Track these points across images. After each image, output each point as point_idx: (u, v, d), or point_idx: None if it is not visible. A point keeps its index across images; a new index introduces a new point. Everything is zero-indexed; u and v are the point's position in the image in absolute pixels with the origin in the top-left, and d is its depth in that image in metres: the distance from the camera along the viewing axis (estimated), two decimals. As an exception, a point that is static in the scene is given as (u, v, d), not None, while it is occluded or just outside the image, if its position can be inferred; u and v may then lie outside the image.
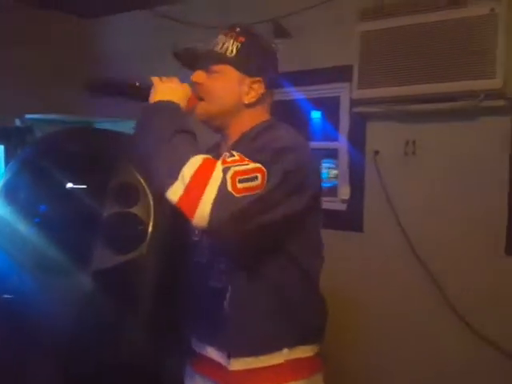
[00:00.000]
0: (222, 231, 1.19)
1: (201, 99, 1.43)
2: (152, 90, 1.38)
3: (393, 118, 2.67)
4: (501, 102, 2.33)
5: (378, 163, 2.74)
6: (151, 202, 2.73)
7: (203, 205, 1.14)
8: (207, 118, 1.44)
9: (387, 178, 2.72)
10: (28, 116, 3.27)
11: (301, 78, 2.81)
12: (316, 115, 3.06)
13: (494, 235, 2.46)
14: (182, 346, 1.67)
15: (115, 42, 3.70)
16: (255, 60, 1.42)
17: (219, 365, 1.42)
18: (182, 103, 1.36)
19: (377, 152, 2.74)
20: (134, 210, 2.73)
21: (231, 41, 1.40)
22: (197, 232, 1.49)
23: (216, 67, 1.41)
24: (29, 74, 3.35)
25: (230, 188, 1.15)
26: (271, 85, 1.45)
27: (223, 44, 1.40)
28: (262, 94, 1.43)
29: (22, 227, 2.79)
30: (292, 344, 1.40)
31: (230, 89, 1.41)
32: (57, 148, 3.05)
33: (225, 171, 1.17)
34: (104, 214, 2.74)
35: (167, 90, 1.36)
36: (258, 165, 1.20)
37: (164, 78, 1.41)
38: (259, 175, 1.19)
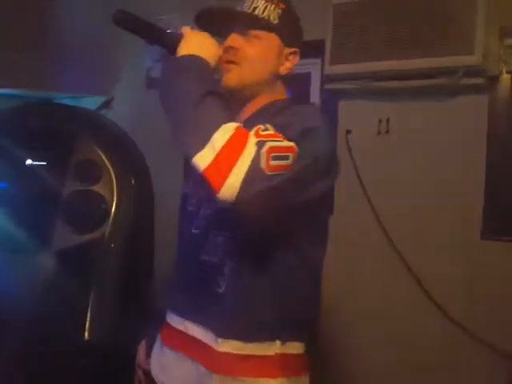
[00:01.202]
0: (247, 207, 1.10)
1: (234, 64, 1.32)
2: (181, 42, 1.24)
3: (366, 96, 2.58)
4: (479, 80, 2.26)
5: (349, 143, 2.66)
6: (114, 180, 2.64)
7: (234, 177, 1.05)
8: (239, 84, 1.34)
9: (359, 158, 2.64)
10: (-15, 90, 3.12)
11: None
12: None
13: (470, 219, 2.40)
14: (154, 320, 1.59)
15: (74, 16, 3.53)
16: (294, 30, 1.38)
17: (203, 344, 1.33)
18: (212, 62, 1.24)
19: (349, 131, 2.66)
20: (96, 187, 2.64)
21: (272, 6, 1.32)
22: (194, 201, 1.42)
23: (257, 33, 1.32)
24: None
25: (262, 164, 1.07)
26: (301, 57, 1.41)
27: (265, 8, 1.31)
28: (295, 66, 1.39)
29: (-18, 205, 2.68)
30: (285, 337, 1.32)
31: (270, 57, 1.34)
32: (16, 124, 2.93)
33: (259, 145, 1.09)
34: (64, 191, 2.64)
35: (198, 44, 1.23)
36: (292, 143, 1.12)
37: (196, 31, 1.28)
38: (291, 155, 1.12)
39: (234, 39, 1.33)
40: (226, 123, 1.10)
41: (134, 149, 2.85)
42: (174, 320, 1.44)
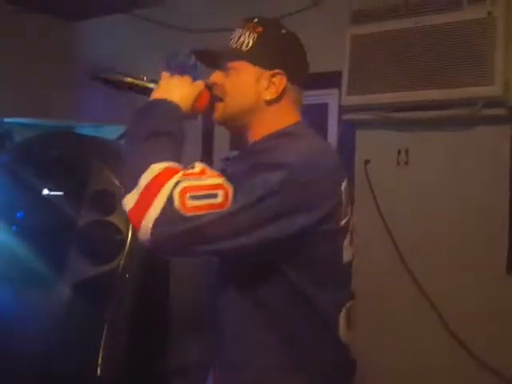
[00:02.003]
0: (163, 251, 1.10)
1: (220, 100, 1.31)
2: (156, 86, 1.27)
3: (384, 126, 2.55)
4: (501, 111, 2.21)
5: (368, 173, 2.62)
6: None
7: (147, 219, 1.03)
8: (224, 119, 1.32)
9: (378, 189, 2.60)
10: (6, 120, 3.17)
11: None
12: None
13: (494, 253, 2.32)
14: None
15: (97, 45, 3.60)
16: (274, 50, 1.28)
17: None
18: (185, 103, 1.23)
19: (367, 161, 2.62)
20: (112, 218, 2.63)
21: (247, 33, 1.28)
22: None
23: (231, 64, 1.29)
24: (8, 77, 3.24)
25: (176, 204, 1.03)
26: (296, 78, 1.30)
27: (239, 38, 1.28)
28: (285, 89, 1.27)
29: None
30: None
31: (245, 85, 1.28)
32: (34, 154, 2.96)
33: (175, 184, 1.05)
34: (80, 222, 2.64)
35: (170, 87, 1.25)
36: (219, 180, 1.07)
37: (176, 75, 1.29)
38: (220, 192, 1.05)
39: (215, 75, 1.32)
40: (157, 163, 1.08)
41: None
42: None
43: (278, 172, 1.08)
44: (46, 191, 2.74)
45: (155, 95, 1.24)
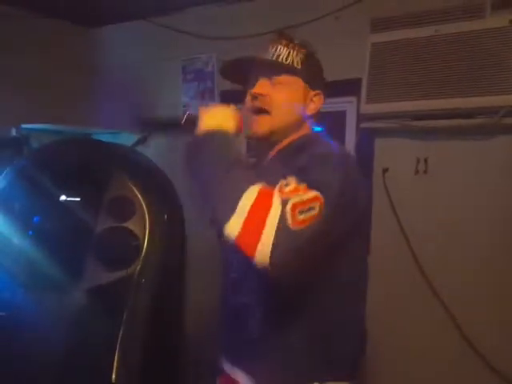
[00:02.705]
0: (284, 268, 1.11)
1: (261, 112, 1.36)
2: (198, 120, 1.31)
3: (403, 135, 2.53)
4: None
5: (386, 182, 2.60)
6: (147, 216, 2.62)
7: (263, 242, 1.07)
8: (270, 132, 1.38)
9: (396, 198, 2.58)
10: (24, 126, 3.18)
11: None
12: (320, 130, 2.92)
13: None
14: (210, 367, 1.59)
15: (113, 52, 3.61)
16: (317, 73, 1.42)
17: None
18: (231, 127, 1.29)
19: (386, 170, 2.60)
20: (129, 224, 2.63)
21: (294, 52, 1.37)
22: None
23: (283, 78, 1.36)
24: (26, 83, 3.26)
25: (289, 222, 1.08)
26: (325, 98, 1.45)
27: (288, 54, 1.36)
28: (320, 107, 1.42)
29: (16, 239, 2.70)
30: (324, 378, 1.29)
31: (297, 100, 1.38)
32: (52, 159, 2.98)
33: (283, 204, 1.10)
34: (97, 228, 2.64)
35: (213, 117, 1.29)
36: (316, 193, 1.13)
37: (210, 107, 1.35)
38: (317, 204, 1.12)
39: (262, 86, 1.37)
40: (250, 187, 1.13)
41: (169, 186, 2.84)
42: (227, 366, 1.45)
43: (334, 159, 1.21)
44: (63, 197, 2.75)
45: (205, 127, 1.26)
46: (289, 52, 1.36)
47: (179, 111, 3.32)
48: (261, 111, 1.36)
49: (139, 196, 2.62)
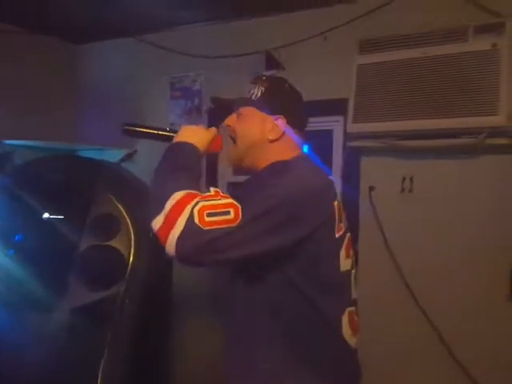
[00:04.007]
0: (187, 260, 1.28)
1: (233, 141, 1.57)
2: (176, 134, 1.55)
3: (389, 154, 2.56)
4: (504, 140, 2.22)
5: (373, 199, 2.62)
6: (132, 234, 2.60)
7: (173, 234, 1.24)
8: (237, 159, 1.57)
9: (383, 216, 2.60)
10: (7, 142, 3.14)
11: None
12: (308, 149, 2.93)
13: (497, 280, 2.32)
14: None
15: (101, 69, 3.60)
16: (277, 100, 1.55)
17: None
18: (201, 145, 1.50)
19: (372, 188, 2.62)
20: (113, 242, 2.60)
21: (257, 87, 1.56)
22: None
23: (242, 110, 1.56)
24: (10, 98, 3.23)
25: (196, 221, 1.24)
26: (295, 122, 1.56)
27: (250, 90, 1.57)
28: (284, 131, 1.53)
29: (-2, 258, 2.66)
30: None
31: (253, 127, 1.53)
32: (36, 176, 2.94)
33: (195, 205, 1.26)
34: (81, 246, 2.61)
35: (188, 133, 1.52)
36: (231, 200, 1.28)
37: (193, 126, 1.57)
38: (231, 210, 1.26)
39: (229, 118, 1.59)
40: (179, 191, 1.30)
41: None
42: None
43: (278, 191, 1.31)
44: (46, 215, 2.71)
45: (177, 139, 1.50)
46: (252, 87, 1.57)
47: (166, 128, 3.31)
48: (232, 140, 1.57)
49: (124, 213, 2.60)
